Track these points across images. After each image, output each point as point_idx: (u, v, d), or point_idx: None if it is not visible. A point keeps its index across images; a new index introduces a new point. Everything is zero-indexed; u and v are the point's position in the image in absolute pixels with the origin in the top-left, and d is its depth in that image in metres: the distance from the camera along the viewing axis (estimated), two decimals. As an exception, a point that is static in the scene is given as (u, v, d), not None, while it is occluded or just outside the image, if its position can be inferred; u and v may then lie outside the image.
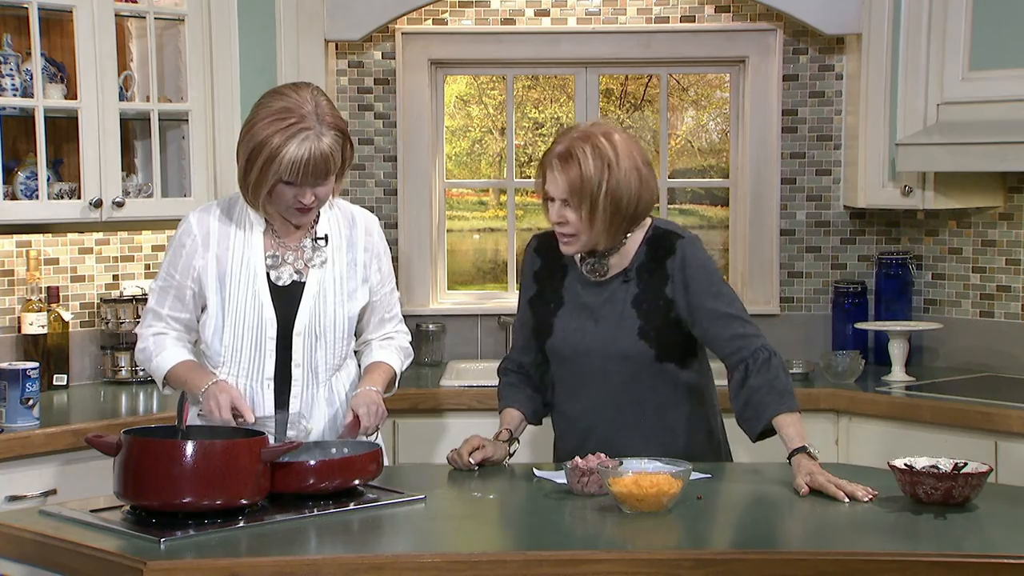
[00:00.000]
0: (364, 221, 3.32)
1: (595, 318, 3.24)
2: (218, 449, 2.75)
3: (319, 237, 3.24)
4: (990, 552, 2.58)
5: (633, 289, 3.22)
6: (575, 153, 3.11)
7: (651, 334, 3.20)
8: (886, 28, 4.71)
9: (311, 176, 3.06)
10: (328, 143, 3.07)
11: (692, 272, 3.19)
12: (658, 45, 5.13)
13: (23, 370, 3.86)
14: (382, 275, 3.32)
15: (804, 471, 2.98)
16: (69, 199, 4.24)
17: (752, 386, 3.13)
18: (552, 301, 3.31)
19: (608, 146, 3.11)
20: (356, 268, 3.27)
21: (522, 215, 5.58)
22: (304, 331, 3.21)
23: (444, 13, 5.13)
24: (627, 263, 3.24)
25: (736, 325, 3.18)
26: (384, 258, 3.33)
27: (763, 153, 5.13)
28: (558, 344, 3.29)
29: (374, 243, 3.30)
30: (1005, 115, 4.36)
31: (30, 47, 4.11)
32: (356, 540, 2.73)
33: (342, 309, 3.25)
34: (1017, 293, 4.80)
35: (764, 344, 3.18)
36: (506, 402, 3.38)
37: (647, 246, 3.23)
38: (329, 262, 3.24)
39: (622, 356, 3.21)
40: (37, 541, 2.69)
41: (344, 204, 3.35)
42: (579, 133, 3.16)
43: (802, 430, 3.09)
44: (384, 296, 3.33)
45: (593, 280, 3.26)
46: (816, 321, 5.13)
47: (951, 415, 4.20)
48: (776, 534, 2.85)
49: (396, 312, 3.38)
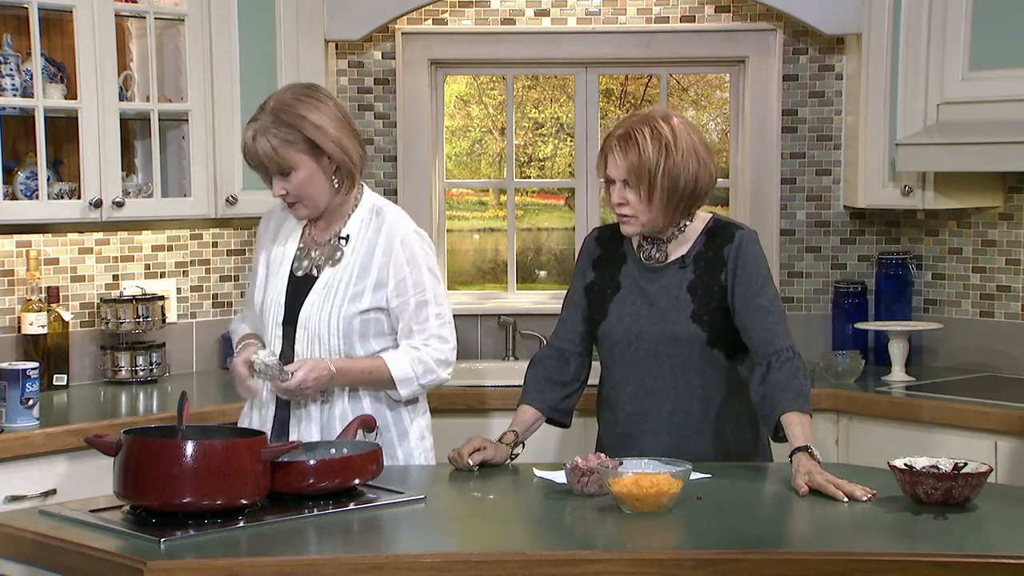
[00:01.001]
0: (391, 227, 3.32)
1: (650, 302, 3.30)
2: (218, 449, 2.75)
3: (342, 236, 3.32)
4: (990, 552, 2.58)
5: (689, 275, 3.29)
6: (634, 135, 3.20)
7: (704, 318, 3.26)
8: (886, 28, 4.71)
9: (262, 166, 3.25)
10: (267, 142, 3.20)
11: (743, 262, 3.26)
12: (658, 45, 5.13)
13: (23, 370, 3.86)
14: (399, 283, 3.29)
15: (803, 470, 2.99)
16: (69, 199, 4.24)
17: (771, 381, 3.18)
18: (609, 287, 3.36)
19: (667, 128, 3.21)
20: (370, 271, 3.30)
21: (522, 215, 5.59)
22: (305, 324, 3.29)
23: (444, 13, 5.13)
24: (685, 251, 3.30)
25: (770, 321, 3.23)
26: (407, 267, 3.30)
27: (763, 153, 5.13)
28: (612, 326, 3.33)
29: (393, 249, 3.30)
30: (1005, 115, 4.36)
31: (30, 47, 4.11)
32: (356, 540, 2.73)
33: (342, 308, 3.28)
34: (1017, 293, 4.80)
35: (791, 345, 3.23)
36: (527, 397, 3.41)
37: (706, 235, 3.31)
38: (344, 261, 3.30)
39: (674, 338, 3.27)
40: (37, 541, 2.69)
41: (386, 207, 3.38)
42: (638, 117, 3.26)
43: (808, 431, 3.12)
44: (408, 305, 3.30)
45: (651, 266, 3.32)
46: (816, 321, 5.13)
47: (951, 415, 4.20)
48: (776, 534, 2.85)
49: (429, 327, 3.32)
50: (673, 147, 3.19)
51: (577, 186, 5.28)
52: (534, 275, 5.69)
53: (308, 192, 3.26)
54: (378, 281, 3.30)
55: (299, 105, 3.23)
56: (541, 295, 5.35)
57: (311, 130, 3.21)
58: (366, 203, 3.37)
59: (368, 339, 3.32)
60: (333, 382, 3.28)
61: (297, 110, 3.22)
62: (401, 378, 3.31)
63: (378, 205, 3.38)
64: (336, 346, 3.29)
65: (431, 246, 3.38)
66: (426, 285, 3.31)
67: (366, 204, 3.37)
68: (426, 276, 3.32)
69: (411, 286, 3.30)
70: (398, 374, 3.30)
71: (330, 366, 3.24)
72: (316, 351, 3.29)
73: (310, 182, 3.25)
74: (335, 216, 3.35)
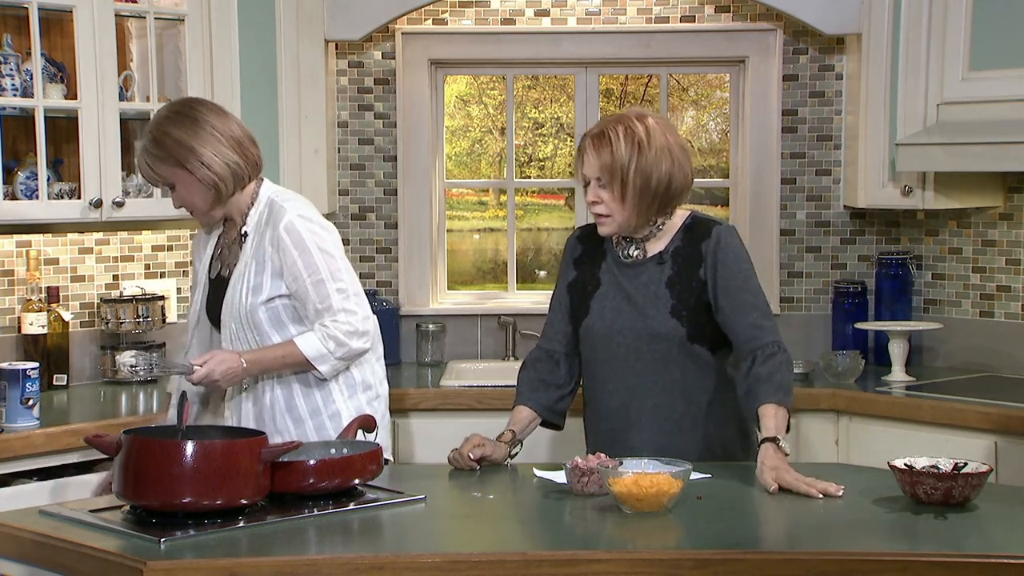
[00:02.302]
0: (276, 216, 3.41)
1: (630, 299, 3.31)
2: (218, 449, 2.75)
3: (243, 234, 3.45)
4: (990, 552, 2.58)
5: (668, 271, 3.29)
6: (608, 134, 3.24)
7: (683, 313, 3.26)
8: (886, 28, 4.71)
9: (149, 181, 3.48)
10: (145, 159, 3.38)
11: (723, 256, 3.26)
12: (658, 45, 5.13)
13: (23, 370, 3.86)
14: (291, 269, 3.37)
15: (770, 465, 3.01)
16: (69, 199, 4.24)
17: (754, 375, 3.18)
18: (590, 284, 3.38)
19: (640, 127, 3.23)
20: (264, 263, 3.40)
21: (522, 215, 5.59)
22: (227, 321, 3.44)
23: (444, 13, 5.13)
24: (663, 247, 3.31)
25: (755, 316, 3.24)
26: (295, 252, 3.37)
27: (763, 153, 5.13)
28: (594, 323, 3.34)
29: (279, 236, 3.38)
30: (1005, 115, 4.36)
31: (30, 47, 4.11)
32: (356, 540, 2.74)
33: (246, 300, 3.40)
34: (1017, 293, 4.80)
35: (777, 340, 3.23)
36: (521, 399, 3.42)
37: (684, 231, 3.32)
38: (245, 257, 3.43)
39: (653, 334, 3.27)
40: (37, 541, 2.69)
41: (278, 198, 3.45)
42: (614, 117, 3.30)
43: (782, 424, 3.12)
44: (307, 287, 3.38)
45: (629, 263, 3.33)
46: (816, 321, 5.13)
47: (951, 415, 4.20)
48: (776, 534, 2.85)
49: (331, 304, 3.38)
50: (646, 145, 3.21)
51: (577, 186, 5.26)
52: (534, 275, 5.69)
53: (190, 202, 3.41)
54: (274, 270, 3.40)
55: (166, 122, 3.38)
56: (541, 295, 5.35)
57: (172, 146, 3.35)
58: (263, 197, 3.46)
59: (284, 326, 3.43)
60: (247, 373, 3.39)
61: (164, 127, 3.37)
62: (315, 356, 3.38)
63: (272, 197, 3.46)
64: (252, 338, 3.43)
65: (323, 226, 3.44)
66: (318, 265, 3.38)
67: (263, 198, 3.46)
68: (317, 256, 3.38)
69: (303, 269, 3.38)
70: (311, 353, 3.38)
71: (240, 360, 3.36)
72: (237, 345, 3.43)
73: (188, 193, 3.39)
74: (237, 216, 3.47)
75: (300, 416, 3.44)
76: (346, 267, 3.44)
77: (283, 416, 3.44)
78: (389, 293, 5.20)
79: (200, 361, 3.32)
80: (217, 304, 3.48)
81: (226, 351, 3.40)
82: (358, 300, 3.43)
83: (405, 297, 5.18)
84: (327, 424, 3.44)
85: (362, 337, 3.41)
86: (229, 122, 3.41)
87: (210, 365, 3.32)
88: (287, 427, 3.43)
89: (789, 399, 3.17)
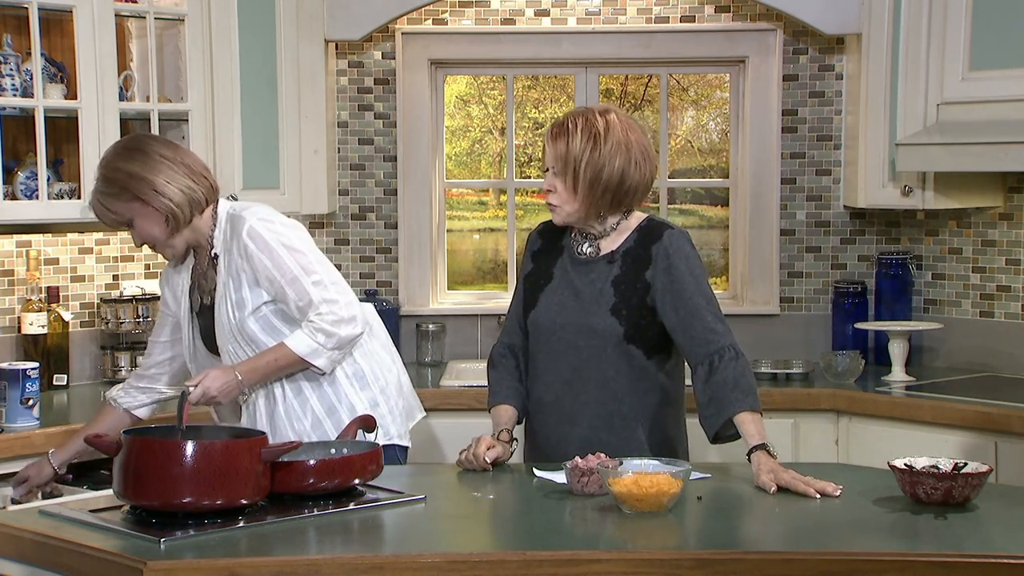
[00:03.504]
0: (236, 227, 3.39)
1: (576, 294, 3.32)
2: (218, 449, 2.75)
3: (213, 257, 3.44)
4: (990, 552, 2.58)
5: (616, 270, 3.30)
6: (567, 125, 3.27)
7: (623, 312, 3.27)
8: (886, 28, 4.71)
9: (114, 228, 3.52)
10: (100, 200, 3.37)
11: (674, 260, 3.25)
12: (658, 45, 5.13)
13: (23, 370, 3.86)
14: (264, 273, 3.36)
15: (766, 469, 3.01)
16: (69, 199, 4.24)
17: (717, 381, 3.17)
18: (543, 278, 3.40)
19: (600, 122, 3.25)
20: (240, 274, 3.39)
21: (522, 215, 5.58)
22: (223, 345, 3.44)
23: (444, 13, 5.13)
24: (616, 247, 3.31)
25: (708, 320, 3.22)
26: (262, 254, 3.36)
27: (763, 153, 5.13)
28: (540, 315, 3.36)
29: (241, 245, 3.37)
30: (1005, 115, 4.36)
31: (30, 47, 4.11)
32: (356, 540, 2.73)
33: (235, 318, 3.40)
34: (1017, 293, 4.80)
35: (733, 344, 3.22)
36: (497, 398, 3.42)
37: (637, 233, 3.32)
38: (221, 277, 3.42)
39: (591, 330, 3.28)
40: (37, 541, 2.69)
41: (237, 211, 3.43)
42: (580, 109, 3.33)
43: (762, 429, 3.12)
44: (284, 287, 3.37)
45: (582, 260, 3.34)
46: (816, 321, 5.13)
47: (951, 415, 4.20)
48: (776, 534, 2.85)
49: (311, 298, 3.36)
50: (602, 139, 3.22)
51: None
52: (534, 275, 5.68)
53: (150, 234, 3.39)
54: (250, 280, 3.39)
55: (116, 159, 3.37)
56: (541, 295, 5.35)
57: (124, 179, 3.33)
58: (222, 215, 3.44)
59: (277, 331, 3.41)
60: (244, 385, 3.37)
61: (114, 164, 3.37)
62: (307, 352, 3.36)
63: (229, 211, 3.44)
64: (251, 352, 3.41)
65: (285, 223, 3.42)
66: (287, 264, 3.36)
67: (222, 216, 3.44)
68: (284, 255, 3.36)
69: (274, 270, 3.36)
70: (302, 350, 3.35)
71: (235, 372, 3.34)
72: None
73: (147, 225, 3.37)
74: (203, 242, 3.45)
75: (318, 418, 3.43)
76: (318, 259, 3.41)
77: (300, 421, 3.43)
78: (389, 293, 5.20)
79: (194, 382, 3.29)
80: (211, 333, 3.47)
81: (219, 367, 3.39)
82: (337, 288, 3.39)
83: (405, 297, 5.18)
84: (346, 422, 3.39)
85: (350, 323, 3.37)
86: (179, 152, 3.41)
87: (204, 384, 3.29)
88: (305, 430, 3.42)
89: (759, 403, 3.17)
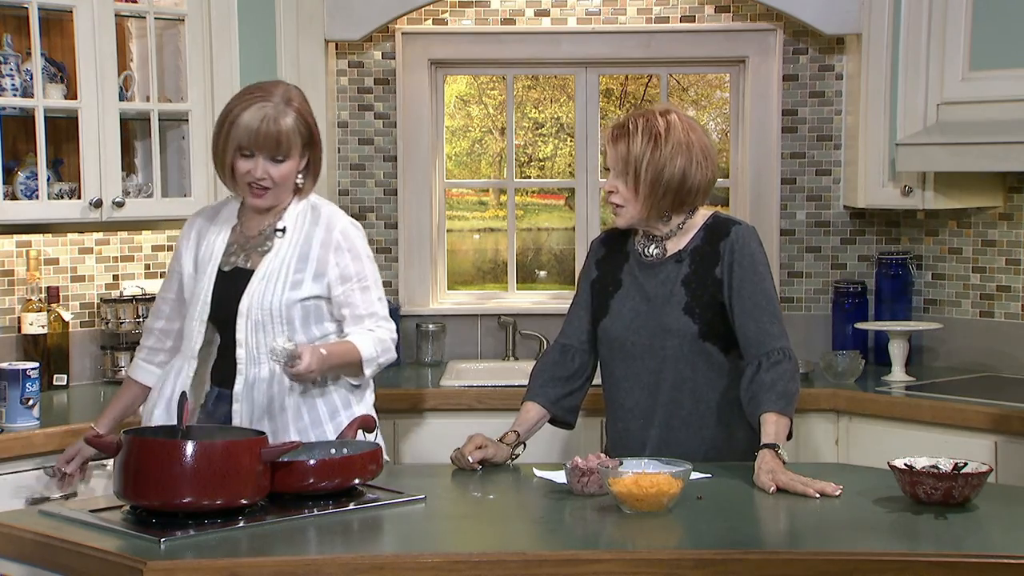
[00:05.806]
0: (328, 219, 3.40)
1: (647, 298, 3.33)
2: (218, 449, 2.75)
3: (278, 228, 3.39)
4: (990, 552, 2.58)
5: (685, 269, 3.31)
6: (628, 126, 3.29)
7: (696, 311, 3.28)
8: (886, 28, 4.71)
9: (263, 146, 3.29)
10: (287, 121, 3.30)
11: (739, 257, 3.27)
12: (658, 45, 5.13)
13: (23, 370, 3.86)
14: (342, 271, 3.36)
15: (767, 468, 3.01)
16: (69, 199, 4.24)
17: (759, 381, 3.19)
18: (611, 284, 3.40)
19: (661, 122, 3.27)
20: (308, 262, 3.36)
21: (522, 215, 5.59)
22: (247, 313, 3.33)
23: (444, 13, 5.13)
24: (683, 246, 3.33)
25: (765, 320, 3.24)
26: (346, 256, 3.37)
27: (763, 153, 5.13)
28: (612, 323, 3.36)
29: (332, 239, 3.37)
30: (1005, 115, 4.36)
31: (30, 47, 4.11)
32: (356, 540, 2.74)
33: (283, 296, 3.33)
34: (1017, 293, 4.80)
35: (785, 347, 3.23)
36: (530, 394, 3.44)
37: (704, 231, 3.33)
38: (279, 251, 3.37)
39: (666, 330, 3.29)
40: (37, 541, 2.69)
41: (320, 203, 3.44)
42: (640, 110, 3.34)
43: (782, 432, 3.13)
44: (351, 293, 3.37)
45: (649, 263, 3.35)
46: (816, 321, 5.13)
47: (951, 415, 4.20)
48: (776, 534, 2.85)
49: (376, 311, 3.39)
50: (663, 140, 3.24)
51: (577, 186, 5.27)
52: (534, 275, 5.70)
53: (287, 182, 3.36)
54: (317, 271, 3.36)
55: (305, 103, 3.39)
56: (541, 295, 5.35)
57: (315, 125, 3.39)
58: (302, 199, 3.43)
59: (309, 326, 3.37)
60: (322, 366, 3.28)
61: (306, 106, 3.39)
62: (367, 358, 3.36)
63: (314, 202, 3.45)
64: (278, 332, 3.34)
65: (364, 234, 3.47)
66: (367, 272, 3.40)
67: (303, 200, 3.43)
68: (366, 264, 3.41)
69: (354, 275, 3.37)
70: (365, 354, 3.35)
71: (321, 350, 3.28)
72: (260, 339, 3.33)
73: (291, 174, 3.36)
74: (271, 212, 3.42)
75: (319, 418, 3.40)
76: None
77: (301, 420, 3.38)
78: (389, 293, 5.19)
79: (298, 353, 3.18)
80: (229, 296, 3.36)
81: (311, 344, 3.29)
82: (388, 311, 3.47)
83: (405, 297, 5.18)
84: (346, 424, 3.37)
85: (394, 348, 3.43)
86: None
87: (308, 357, 3.19)
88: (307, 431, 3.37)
89: (791, 408, 3.17)
